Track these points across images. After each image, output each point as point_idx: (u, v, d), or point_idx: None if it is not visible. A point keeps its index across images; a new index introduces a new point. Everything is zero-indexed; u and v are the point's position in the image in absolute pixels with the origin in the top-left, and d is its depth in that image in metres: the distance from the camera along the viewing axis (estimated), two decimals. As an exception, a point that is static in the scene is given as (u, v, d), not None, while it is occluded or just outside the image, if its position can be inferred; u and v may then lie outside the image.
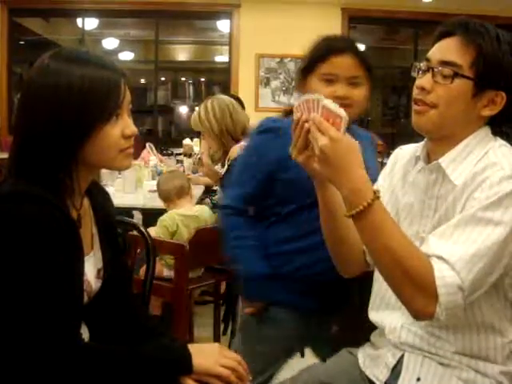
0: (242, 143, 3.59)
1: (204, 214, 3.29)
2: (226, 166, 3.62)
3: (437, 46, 1.50)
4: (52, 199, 1.27)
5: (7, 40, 9.50)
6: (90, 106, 1.27)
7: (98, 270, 1.48)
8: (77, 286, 1.35)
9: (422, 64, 1.50)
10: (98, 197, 1.53)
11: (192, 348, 1.39)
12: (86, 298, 1.42)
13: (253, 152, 2.06)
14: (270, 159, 1.96)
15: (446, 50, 1.46)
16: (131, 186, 4.26)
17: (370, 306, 1.69)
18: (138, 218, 4.09)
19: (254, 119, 3.85)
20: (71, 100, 1.26)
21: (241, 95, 8.91)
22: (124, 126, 1.34)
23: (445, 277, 1.29)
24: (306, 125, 1.36)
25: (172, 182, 3.35)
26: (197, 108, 3.77)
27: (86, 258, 1.39)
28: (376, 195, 1.32)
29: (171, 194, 3.33)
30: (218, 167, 3.98)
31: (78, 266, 1.35)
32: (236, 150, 3.56)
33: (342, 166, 1.32)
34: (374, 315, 1.67)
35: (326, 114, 1.34)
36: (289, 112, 1.97)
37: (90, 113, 1.28)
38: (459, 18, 1.49)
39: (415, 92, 1.50)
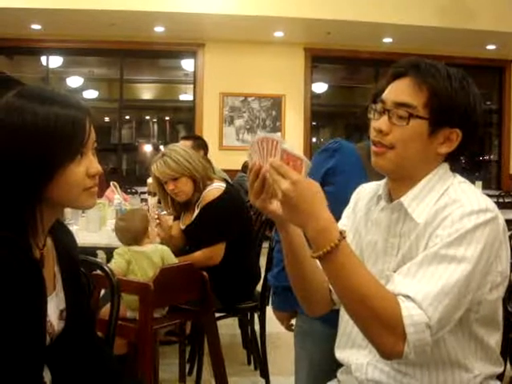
0: (216, 184, 3.58)
1: (157, 252, 3.22)
2: (196, 211, 3.58)
3: (390, 87, 1.52)
4: (14, 239, 1.25)
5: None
6: (54, 145, 1.26)
7: (61, 311, 1.46)
8: (39, 327, 1.32)
9: (377, 106, 1.53)
10: (62, 236, 1.51)
11: None
12: (48, 340, 1.39)
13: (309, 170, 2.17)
14: (320, 173, 2.10)
15: (399, 91, 1.49)
16: (95, 225, 4.21)
17: (336, 344, 1.69)
18: (101, 257, 4.04)
19: (218, 158, 3.88)
20: (36, 139, 1.25)
21: (205, 134, 9.00)
22: (88, 164, 1.33)
23: (412, 315, 1.30)
24: (263, 170, 1.35)
25: (127, 227, 3.25)
26: (157, 157, 3.62)
27: (48, 299, 1.37)
28: (342, 235, 1.32)
29: (126, 238, 3.25)
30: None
31: (41, 307, 1.32)
32: (211, 193, 3.53)
33: (307, 208, 1.31)
34: (340, 354, 1.66)
35: (286, 157, 1.33)
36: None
37: (55, 152, 1.27)
38: (410, 59, 1.52)
39: (373, 134, 1.52)
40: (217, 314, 3.34)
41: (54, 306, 1.43)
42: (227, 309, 3.56)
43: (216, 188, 3.55)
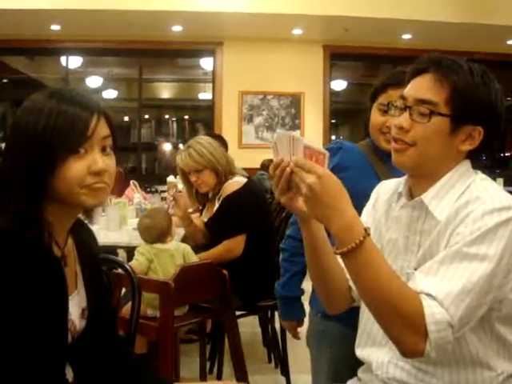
0: (237, 179, 3.62)
1: (179, 250, 3.24)
2: (217, 204, 3.62)
3: (411, 83, 1.51)
4: (34, 238, 1.26)
5: (-9, 79, 9.53)
6: (51, 140, 1.28)
7: (83, 310, 1.47)
8: (61, 325, 1.33)
9: (398, 102, 1.52)
10: (83, 235, 1.53)
11: None
12: (70, 338, 1.40)
13: None
14: None
15: (420, 87, 1.48)
16: (115, 224, 4.23)
17: (357, 343, 1.68)
18: (122, 256, 4.06)
19: (238, 156, 3.90)
20: (36, 134, 1.29)
21: (224, 132, 9.01)
22: (91, 162, 1.33)
23: (434, 314, 1.29)
24: (288, 169, 1.34)
25: (152, 225, 3.26)
26: (183, 148, 3.70)
27: (69, 298, 1.38)
28: (367, 232, 1.31)
29: (151, 237, 3.26)
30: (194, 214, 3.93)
31: (62, 305, 1.33)
32: (232, 186, 3.56)
33: (332, 203, 1.30)
34: (360, 352, 1.66)
35: (309, 152, 1.33)
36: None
37: (51, 146, 1.28)
38: (432, 55, 1.51)
39: (394, 131, 1.51)
40: (237, 313, 3.34)
41: (76, 305, 1.44)
42: (247, 307, 3.56)
43: (236, 181, 3.60)
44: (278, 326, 3.72)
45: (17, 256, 1.22)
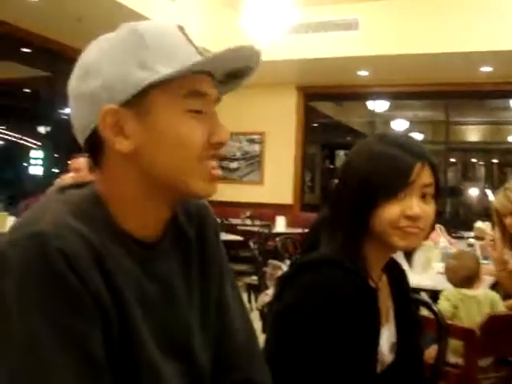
0: None
1: (487, 297, 3.13)
2: None
3: None
4: (353, 268, 1.37)
5: (303, 123, 10.28)
6: (373, 181, 1.37)
7: (392, 344, 1.52)
8: (372, 355, 1.40)
9: None
10: (396, 274, 1.60)
11: None
12: (378, 369, 1.46)
13: None
14: None
15: None
16: (420, 266, 4.23)
17: None
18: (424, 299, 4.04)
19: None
20: (361, 175, 1.40)
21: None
22: (407, 206, 1.37)
23: None
24: None
25: (459, 266, 3.24)
26: (500, 189, 3.65)
27: (381, 330, 1.44)
28: None
29: (458, 278, 3.23)
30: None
31: (375, 334, 1.41)
32: None
33: None
34: None
35: None
36: None
37: (374, 188, 1.37)
38: None
39: None
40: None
41: (386, 338, 1.49)
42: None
43: None
44: None
45: (338, 282, 1.34)
